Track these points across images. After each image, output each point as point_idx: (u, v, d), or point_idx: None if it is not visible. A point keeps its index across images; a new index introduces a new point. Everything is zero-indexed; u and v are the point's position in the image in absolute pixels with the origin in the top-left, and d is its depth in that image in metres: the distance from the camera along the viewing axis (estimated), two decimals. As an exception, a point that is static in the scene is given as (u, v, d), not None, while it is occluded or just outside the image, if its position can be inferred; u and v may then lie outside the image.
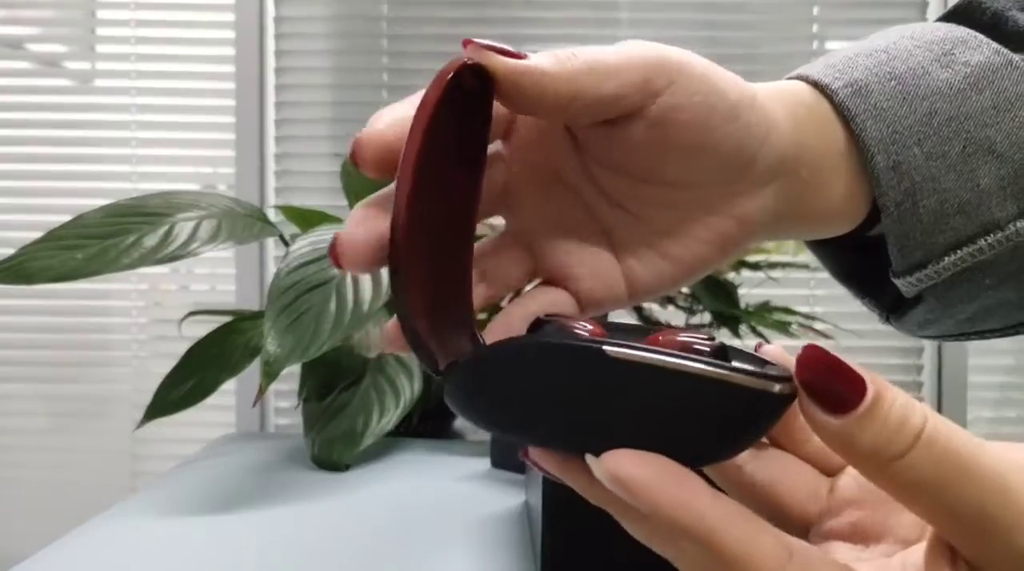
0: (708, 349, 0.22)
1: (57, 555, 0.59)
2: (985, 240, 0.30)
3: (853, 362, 0.20)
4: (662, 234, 0.29)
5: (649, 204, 0.29)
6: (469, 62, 0.24)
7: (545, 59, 0.25)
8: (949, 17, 0.36)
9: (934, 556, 0.20)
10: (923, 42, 0.32)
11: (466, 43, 0.24)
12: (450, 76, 0.23)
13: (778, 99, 0.30)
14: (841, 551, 0.25)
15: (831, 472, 0.27)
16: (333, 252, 0.25)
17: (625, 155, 0.28)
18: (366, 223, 0.25)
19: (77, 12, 1.49)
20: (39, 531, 0.95)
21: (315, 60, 1.46)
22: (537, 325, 0.26)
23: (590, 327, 0.23)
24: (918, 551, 0.22)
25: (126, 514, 0.68)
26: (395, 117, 0.25)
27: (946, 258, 0.31)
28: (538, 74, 0.24)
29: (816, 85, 0.31)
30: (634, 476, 0.20)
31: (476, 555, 0.59)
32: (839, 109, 0.30)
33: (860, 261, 0.37)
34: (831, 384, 0.20)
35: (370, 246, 0.25)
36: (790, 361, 0.22)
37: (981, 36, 0.32)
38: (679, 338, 0.22)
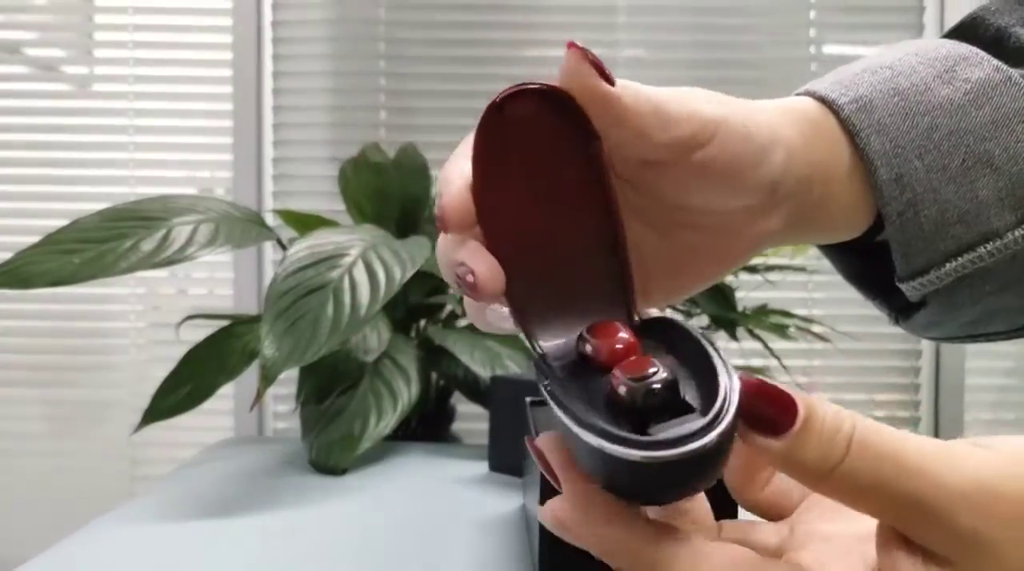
0: (658, 385, 0.22)
1: (55, 559, 0.59)
2: (984, 248, 0.32)
3: (783, 385, 0.22)
4: (684, 251, 0.31)
5: (677, 225, 0.31)
6: (508, 92, 0.25)
7: (628, 92, 0.26)
8: (954, 33, 0.38)
9: (885, 542, 0.22)
10: (927, 59, 0.34)
11: (570, 46, 0.25)
12: (485, 112, 0.25)
13: (788, 118, 0.31)
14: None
15: (789, 511, 0.28)
16: (441, 220, 0.26)
17: (661, 185, 0.29)
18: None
19: (75, 17, 1.49)
20: (37, 535, 0.94)
21: (312, 65, 1.46)
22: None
23: (627, 336, 0.25)
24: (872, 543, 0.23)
25: (124, 518, 0.68)
26: (459, 175, 0.26)
27: (947, 265, 0.32)
28: (621, 106, 0.26)
29: (823, 100, 0.33)
30: (560, 519, 0.24)
31: (474, 558, 0.59)
32: (845, 124, 0.32)
33: (868, 264, 0.38)
34: (766, 411, 0.21)
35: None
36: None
37: (983, 53, 0.33)
38: (631, 372, 0.23)
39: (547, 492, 0.52)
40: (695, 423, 0.21)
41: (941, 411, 1.42)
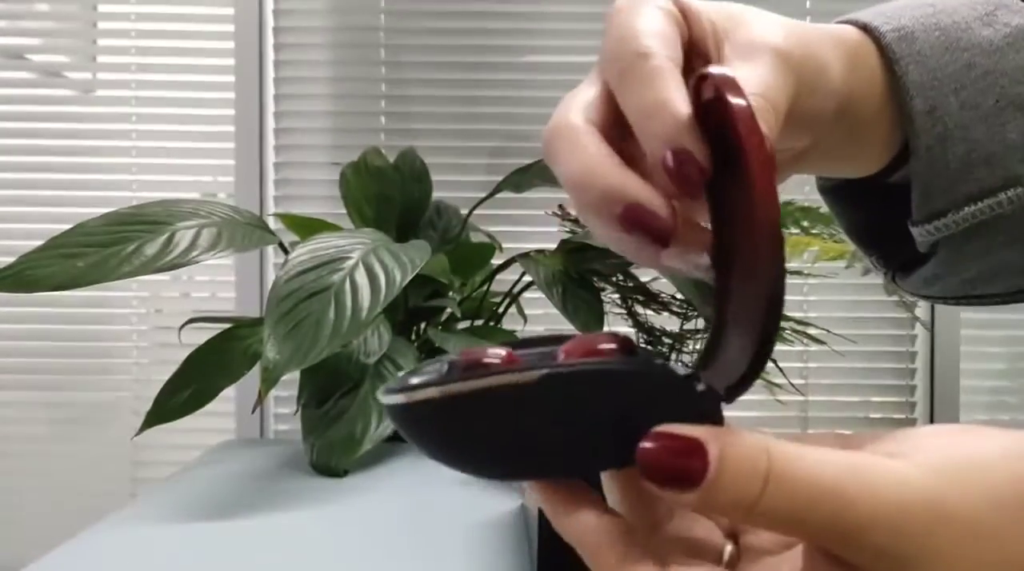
0: (612, 346, 0.23)
1: (57, 562, 0.59)
2: (1006, 194, 0.31)
3: (685, 428, 0.21)
4: None
5: None
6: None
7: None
8: None
9: (811, 555, 0.22)
10: (968, 1, 0.34)
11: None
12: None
13: (830, 44, 0.31)
14: None
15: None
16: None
17: None
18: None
19: (78, 23, 1.50)
20: (39, 538, 0.95)
21: (313, 70, 1.47)
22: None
23: (502, 353, 0.24)
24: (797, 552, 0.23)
25: (126, 520, 0.69)
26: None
27: (966, 208, 0.32)
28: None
29: (865, 28, 0.33)
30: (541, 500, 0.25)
31: (473, 559, 0.59)
32: (885, 51, 0.32)
33: (872, 216, 0.38)
34: (675, 467, 0.21)
35: None
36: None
37: (1022, 3, 0.34)
38: (583, 343, 0.24)
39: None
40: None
41: (936, 413, 1.43)
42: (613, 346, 0.24)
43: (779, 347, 1.17)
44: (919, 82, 0.31)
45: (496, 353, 0.24)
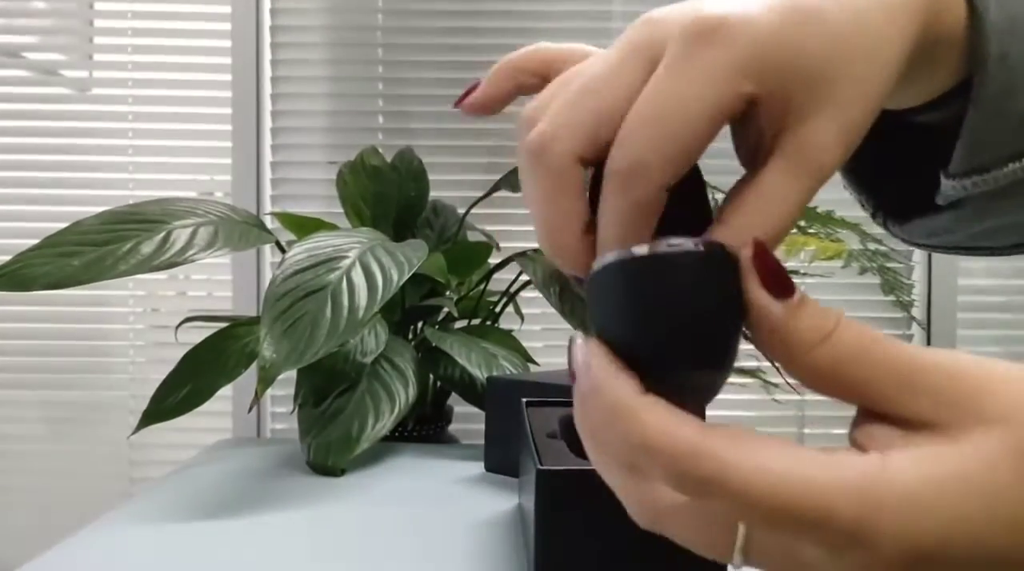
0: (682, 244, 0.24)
1: (54, 561, 0.59)
2: None
3: None
4: None
5: None
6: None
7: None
8: None
9: (860, 422, 0.23)
10: None
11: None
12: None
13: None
14: None
15: None
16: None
17: None
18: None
19: (74, 21, 1.50)
20: (35, 537, 0.95)
21: (311, 69, 1.47)
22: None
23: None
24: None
25: (123, 519, 0.69)
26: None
27: (1009, 166, 0.30)
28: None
29: None
30: (578, 360, 0.24)
31: (470, 558, 0.60)
32: None
33: (875, 155, 0.35)
34: (776, 273, 0.23)
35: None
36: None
37: None
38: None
39: (543, 492, 0.53)
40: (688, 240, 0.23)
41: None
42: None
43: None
44: (996, 23, 0.28)
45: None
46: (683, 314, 0.22)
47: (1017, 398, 0.21)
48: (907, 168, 0.34)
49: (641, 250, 0.23)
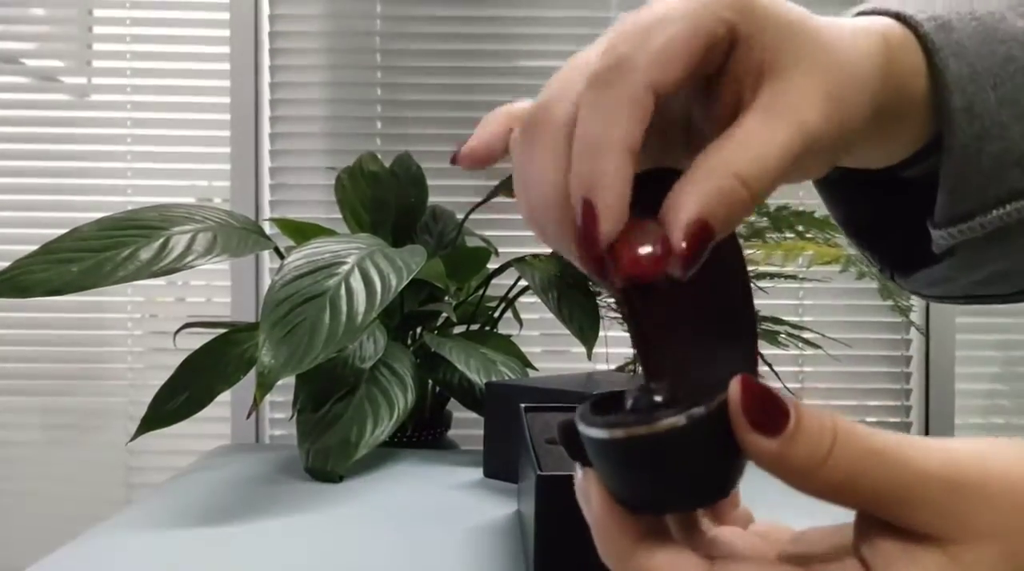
0: (660, 397, 0.23)
1: (52, 567, 0.59)
2: None
3: (774, 388, 0.23)
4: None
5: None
6: None
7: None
8: None
9: (865, 532, 0.23)
10: None
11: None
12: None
13: (868, 43, 0.29)
14: None
15: None
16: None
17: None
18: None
19: (73, 27, 1.50)
20: (34, 543, 0.95)
21: (309, 75, 1.47)
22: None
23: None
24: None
25: (121, 526, 0.69)
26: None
27: (994, 211, 0.30)
28: None
29: (898, 17, 0.30)
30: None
31: (469, 564, 0.60)
32: (923, 41, 0.30)
33: (872, 210, 0.36)
34: (765, 411, 0.22)
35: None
36: None
37: None
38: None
39: (542, 498, 0.53)
40: (670, 405, 0.22)
41: (932, 416, 1.43)
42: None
43: (774, 351, 1.17)
44: (958, 75, 0.29)
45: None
46: (677, 480, 0.23)
47: (1015, 510, 0.21)
48: (905, 222, 0.35)
49: (619, 433, 0.22)
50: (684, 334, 0.26)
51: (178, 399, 0.88)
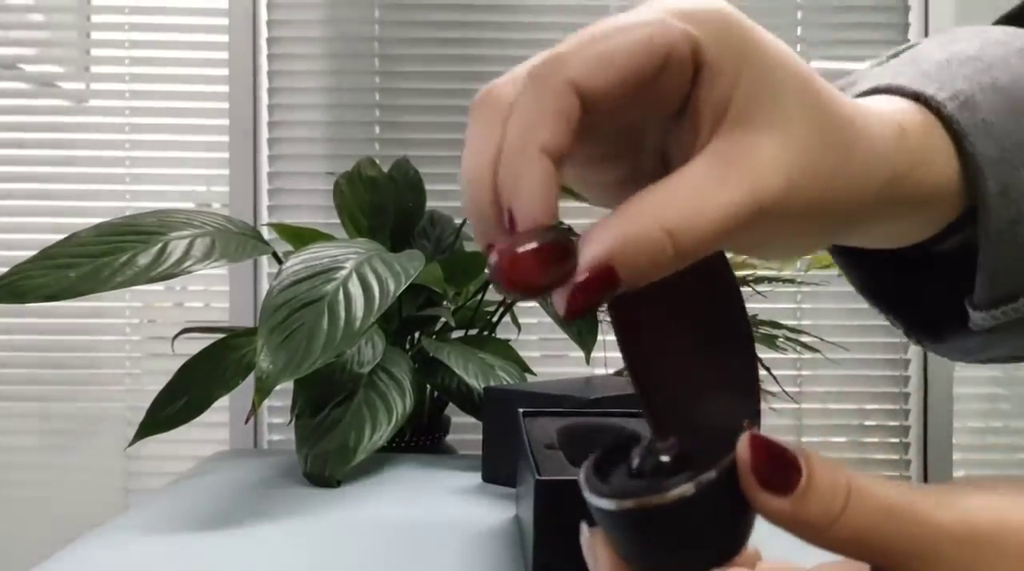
0: (667, 458, 0.23)
1: (51, 572, 0.59)
2: None
3: (782, 440, 0.22)
4: None
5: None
6: None
7: None
8: (1012, 20, 0.34)
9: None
10: (1013, 50, 0.30)
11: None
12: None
13: (868, 118, 0.26)
14: None
15: None
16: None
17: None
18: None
19: (72, 33, 1.50)
20: (31, 549, 0.95)
21: (308, 80, 1.47)
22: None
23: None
24: None
25: (119, 531, 0.68)
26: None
27: None
28: None
29: (916, 97, 0.28)
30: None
31: (468, 569, 0.59)
32: (948, 123, 0.27)
33: (893, 278, 0.34)
34: (775, 469, 0.21)
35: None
36: None
37: None
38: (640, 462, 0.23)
39: (541, 503, 0.53)
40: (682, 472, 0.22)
41: (930, 420, 1.43)
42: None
43: (773, 355, 1.17)
44: (989, 157, 0.27)
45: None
46: (688, 545, 0.22)
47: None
48: (932, 290, 0.33)
49: (627, 504, 0.22)
50: (682, 366, 0.25)
51: (176, 404, 0.88)
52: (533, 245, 0.21)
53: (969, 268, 0.29)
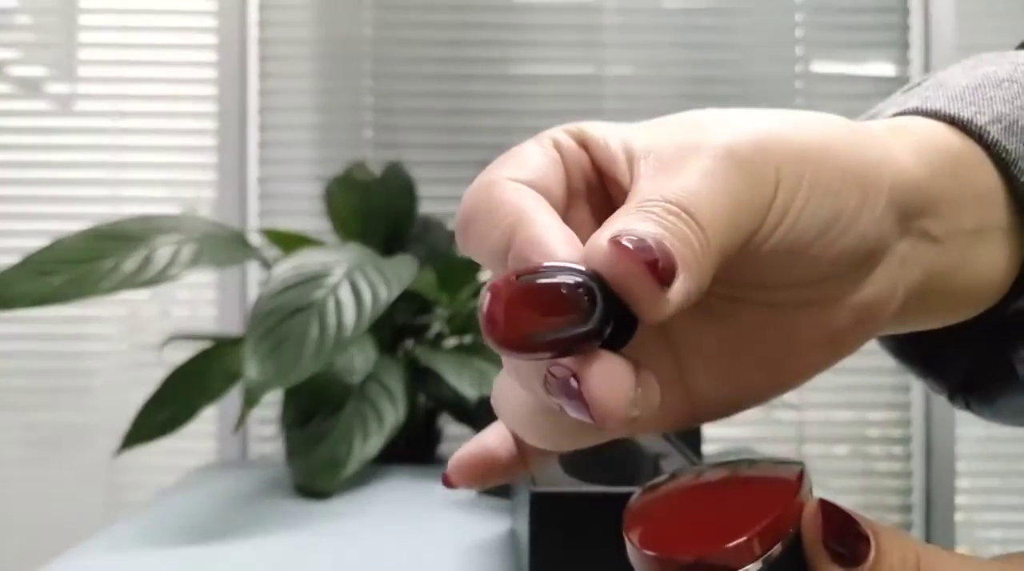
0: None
1: (29, 591, 0.57)
2: None
3: (852, 511, 0.21)
4: (752, 339, 0.24)
5: (737, 301, 0.24)
6: None
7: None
8: None
9: None
10: None
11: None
12: None
13: (903, 140, 0.24)
14: None
15: None
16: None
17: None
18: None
19: (58, 35, 1.49)
20: (15, 563, 0.92)
21: (298, 83, 1.46)
22: None
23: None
24: None
25: (104, 545, 0.67)
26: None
27: None
28: None
29: (953, 121, 0.25)
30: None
31: (462, 585, 0.58)
32: (992, 149, 0.24)
33: (921, 335, 0.30)
34: (845, 541, 0.21)
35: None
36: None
37: None
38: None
39: (536, 516, 0.52)
40: None
41: (933, 428, 1.43)
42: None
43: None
44: None
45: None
46: None
47: None
48: (970, 343, 0.29)
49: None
50: None
51: (162, 414, 0.87)
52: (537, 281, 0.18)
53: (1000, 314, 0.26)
